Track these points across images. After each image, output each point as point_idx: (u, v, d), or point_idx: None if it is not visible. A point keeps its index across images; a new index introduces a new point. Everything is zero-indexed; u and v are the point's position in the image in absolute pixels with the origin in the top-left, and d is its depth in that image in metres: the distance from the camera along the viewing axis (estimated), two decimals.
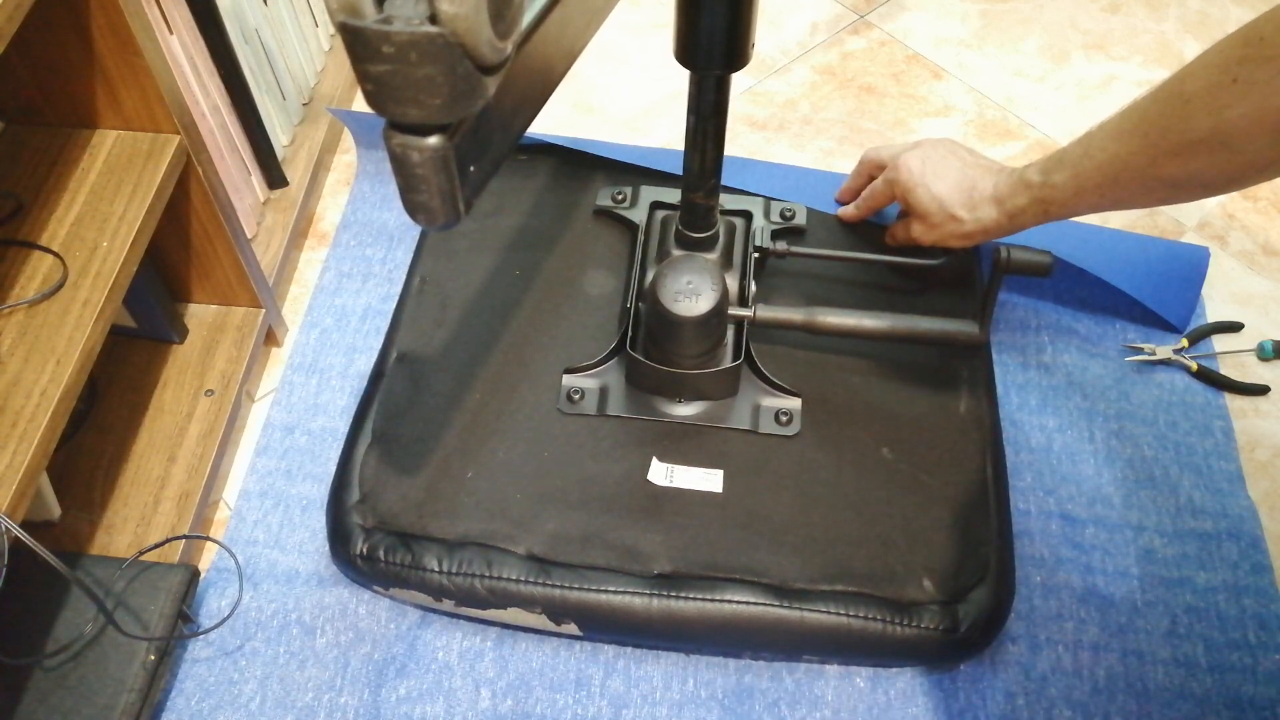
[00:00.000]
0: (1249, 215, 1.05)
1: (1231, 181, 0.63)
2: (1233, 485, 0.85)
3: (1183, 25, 1.23)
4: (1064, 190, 0.71)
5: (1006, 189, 0.75)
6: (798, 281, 0.89)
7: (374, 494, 0.77)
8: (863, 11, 1.25)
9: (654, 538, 0.74)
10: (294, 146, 1.03)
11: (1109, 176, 0.67)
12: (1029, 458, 0.86)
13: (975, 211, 0.78)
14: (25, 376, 0.63)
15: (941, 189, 0.79)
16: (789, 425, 0.80)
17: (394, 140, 0.42)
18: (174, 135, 0.75)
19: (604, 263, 0.90)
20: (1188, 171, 0.63)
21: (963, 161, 0.80)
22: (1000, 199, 0.76)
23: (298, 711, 0.74)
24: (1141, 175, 0.65)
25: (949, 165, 0.80)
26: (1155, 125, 0.63)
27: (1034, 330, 0.94)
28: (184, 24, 0.82)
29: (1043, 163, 0.73)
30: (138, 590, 0.73)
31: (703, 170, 0.76)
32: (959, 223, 0.79)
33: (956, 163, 0.80)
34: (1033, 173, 0.73)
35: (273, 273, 0.93)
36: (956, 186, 0.78)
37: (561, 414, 0.81)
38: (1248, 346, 0.94)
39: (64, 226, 0.71)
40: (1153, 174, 0.65)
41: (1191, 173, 0.63)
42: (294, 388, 0.91)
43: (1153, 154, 0.64)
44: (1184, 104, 0.61)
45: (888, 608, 0.72)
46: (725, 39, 0.65)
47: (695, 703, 0.74)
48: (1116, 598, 0.79)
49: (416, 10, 0.37)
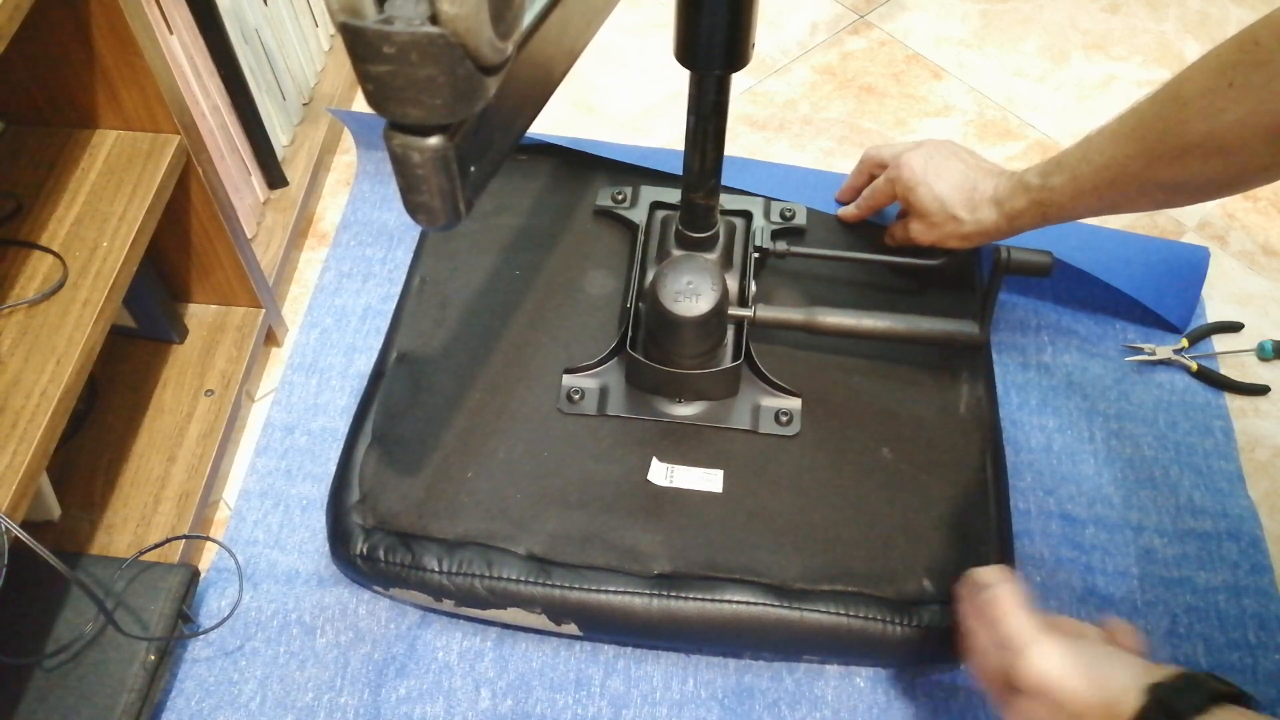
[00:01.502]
0: (1249, 215, 1.05)
1: (1226, 186, 0.64)
2: (1233, 485, 0.85)
3: (1183, 25, 1.23)
4: (1062, 193, 0.71)
5: (1006, 191, 0.76)
6: (798, 281, 0.89)
7: (374, 494, 0.77)
8: (863, 11, 1.25)
9: (654, 538, 0.74)
10: (294, 146, 1.03)
11: (1106, 180, 0.68)
12: (1029, 458, 0.86)
13: (976, 213, 0.78)
14: (25, 376, 0.63)
15: (943, 188, 0.79)
16: (789, 425, 0.80)
17: (395, 140, 0.42)
18: (174, 135, 0.75)
19: (604, 263, 0.90)
20: (1183, 176, 0.63)
21: (964, 163, 0.80)
22: (1000, 201, 0.76)
23: (298, 711, 0.74)
24: (1138, 179, 0.66)
25: (951, 166, 0.80)
26: (1152, 129, 0.63)
27: (1034, 330, 0.94)
28: (184, 24, 0.82)
29: (1042, 166, 0.73)
30: (138, 590, 0.73)
31: (703, 170, 0.76)
32: (959, 223, 0.79)
33: (958, 164, 0.80)
34: (1032, 176, 0.73)
35: (273, 273, 0.93)
36: (958, 187, 0.79)
37: (561, 414, 0.81)
38: (1248, 346, 0.94)
39: (64, 226, 0.71)
40: (1149, 178, 0.65)
41: (1187, 177, 0.63)
42: (294, 388, 0.91)
43: (1149, 158, 0.64)
44: (1180, 108, 0.61)
45: (888, 608, 0.72)
46: (725, 39, 0.65)
47: (695, 703, 0.74)
48: (1116, 598, 0.79)
49: (417, 10, 0.37)
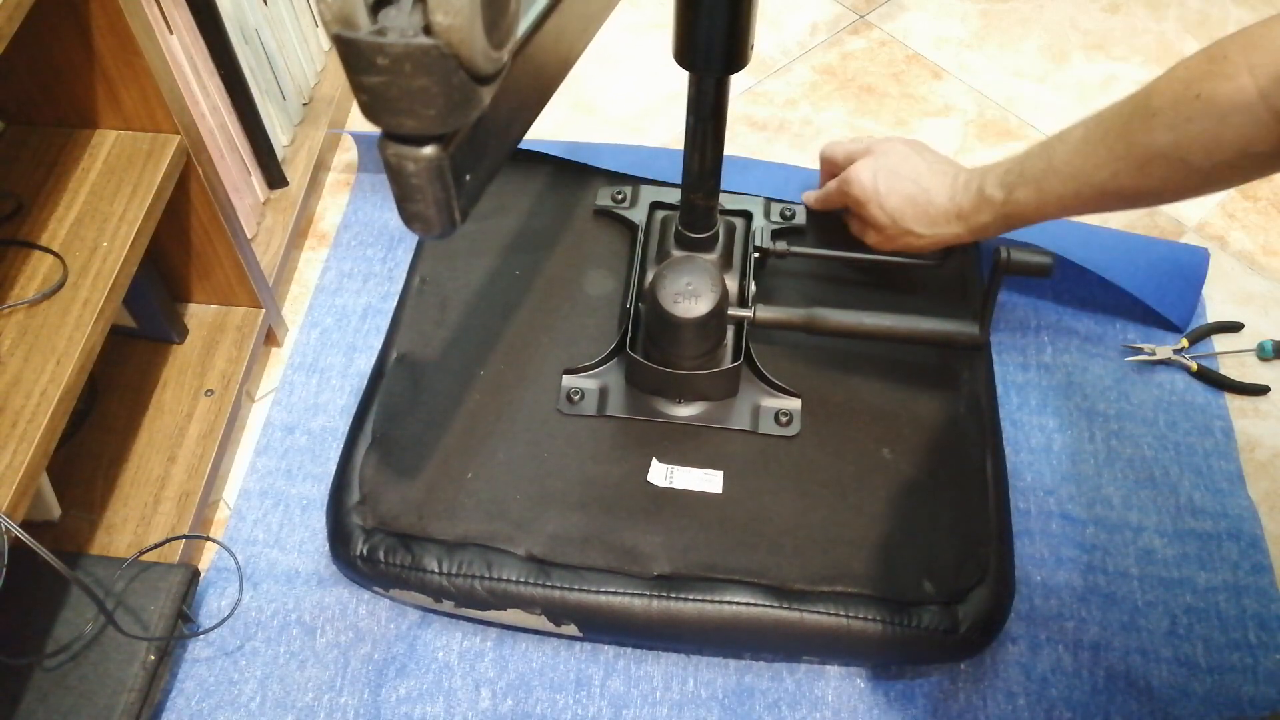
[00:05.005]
0: (1249, 215, 1.05)
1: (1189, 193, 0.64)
2: (1233, 485, 0.85)
3: (1183, 25, 1.23)
4: (1026, 205, 0.71)
5: (969, 205, 0.74)
6: (798, 281, 0.89)
7: (374, 495, 0.77)
8: (863, 11, 1.25)
9: (654, 539, 0.74)
10: (294, 146, 1.03)
11: (1071, 191, 0.67)
12: (1029, 458, 0.86)
13: (934, 227, 0.77)
14: (25, 376, 0.63)
15: (894, 203, 0.78)
16: (789, 426, 0.80)
17: (389, 150, 0.42)
18: (174, 135, 0.75)
19: (604, 263, 0.90)
20: (1146, 184, 0.64)
21: (915, 171, 0.78)
22: (963, 215, 0.75)
23: (298, 711, 0.74)
24: (1102, 188, 0.66)
25: (900, 178, 0.78)
26: (1120, 138, 0.63)
27: (1034, 330, 0.94)
28: (184, 24, 0.82)
29: (1001, 176, 0.72)
30: (138, 590, 0.73)
31: (702, 171, 0.76)
32: (915, 236, 0.78)
33: (909, 172, 0.78)
34: (993, 188, 0.72)
35: (273, 273, 0.92)
36: (910, 201, 0.77)
37: (561, 415, 0.81)
38: (1248, 346, 0.94)
39: (64, 226, 0.71)
40: (1113, 187, 0.65)
41: (1149, 185, 0.64)
42: (294, 388, 0.91)
43: (1115, 167, 0.64)
44: (1149, 117, 0.61)
45: (888, 608, 0.72)
46: (724, 40, 0.65)
47: (695, 703, 0.74)
48: (1117, 598, 0.79)
49: (411, 21, 0.37)
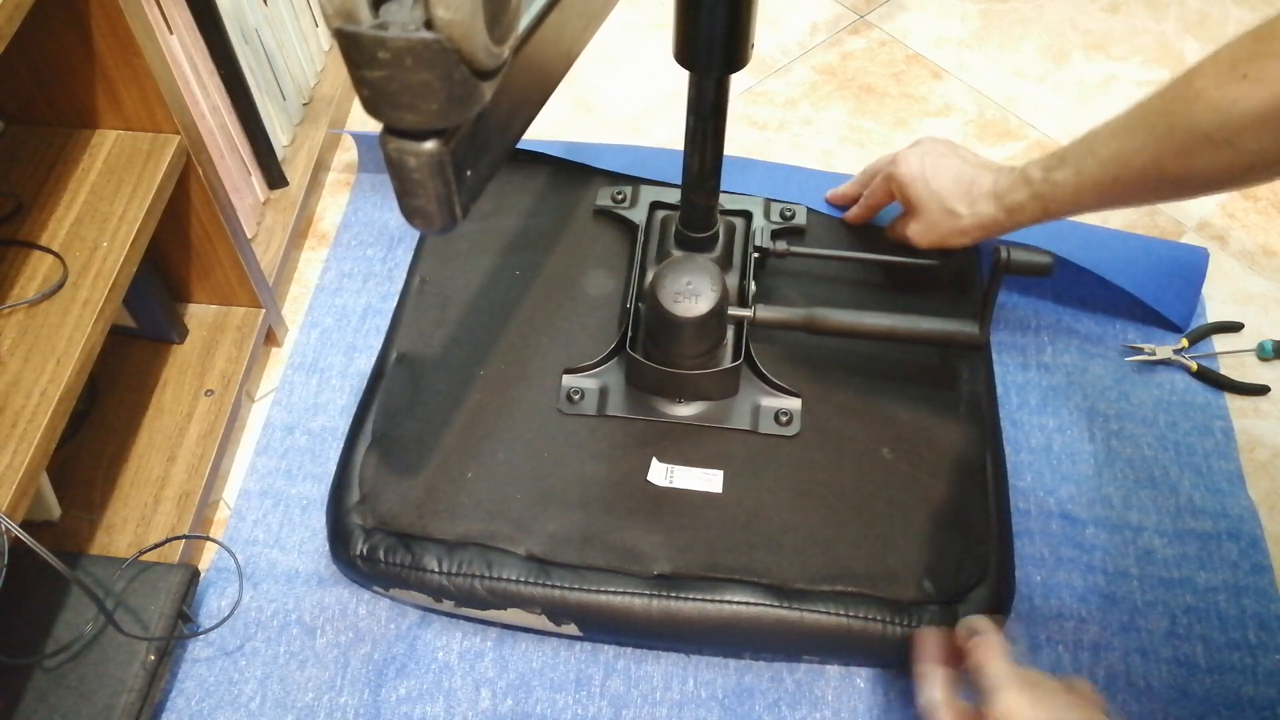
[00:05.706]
0: (1249, 215, 1.05)
1: (1233, 180, 0.63)
2: (1233, 485, 0.85)
3: (1183, 25, 1.23)
4: (1065, 188, 0.70)
5: (1006, 185, 0.75)
6: (798, 281, 0.89)
7: (374, 494, 0.77)
8: (863, 11, 1.25)
9: (654, 538, 0.74)
10: (294, 146, 1.03)
11: (1110, 175, 0.67)
12: (1029, 458, 0.86)
13: (974, 207, 0.77)
14: (25, 376, 0.63)
15: (940, 183, 0.79)
16: (789, 425, 0.80)
17: (390, 145, 0.42)
18: (174, 135, 0.75)
19: (604, 263, 0.90)
20: (1191, 169, 0.62)
21: (962, 159, 0.80)
22: (999, 194, 0.75)
23: (298, 711, 0.74)
24: (1144, 173, 0.65)
25: (948, 162, 0.80)
26: (1162, 121, 0.62)
27: (1034, 330, 0.94)
28: (184, 24, 0.82)
29: (1044, 160, 0.72)
30: (138, 590, 0.73)
31: (702, 171, 0.76)
32: (957, 218, 0.79)
33: (955, 160, 0.80)
34: (1034, 169, 0.73)
35: (273, 273, 0.93)
36: (955, 181, 0.79)
37: (561, 414, 0.81)
38: (1248, 346, 0.94)
39: (64, 226, 0.71)
40: (1155, 172, 0.64)
41: (1194, 170, 0.62)
42: (294, 387, 0.91)
43: (1157, 150, 0.63)
44: (1192, 100, 0.60)
45: (887, 608, 0.72)
46: (725, 40, 0.65)
47: (695, 703, 0.74)
48: (1116, 598, 0.79)
49: (412, 16, 0.37)
